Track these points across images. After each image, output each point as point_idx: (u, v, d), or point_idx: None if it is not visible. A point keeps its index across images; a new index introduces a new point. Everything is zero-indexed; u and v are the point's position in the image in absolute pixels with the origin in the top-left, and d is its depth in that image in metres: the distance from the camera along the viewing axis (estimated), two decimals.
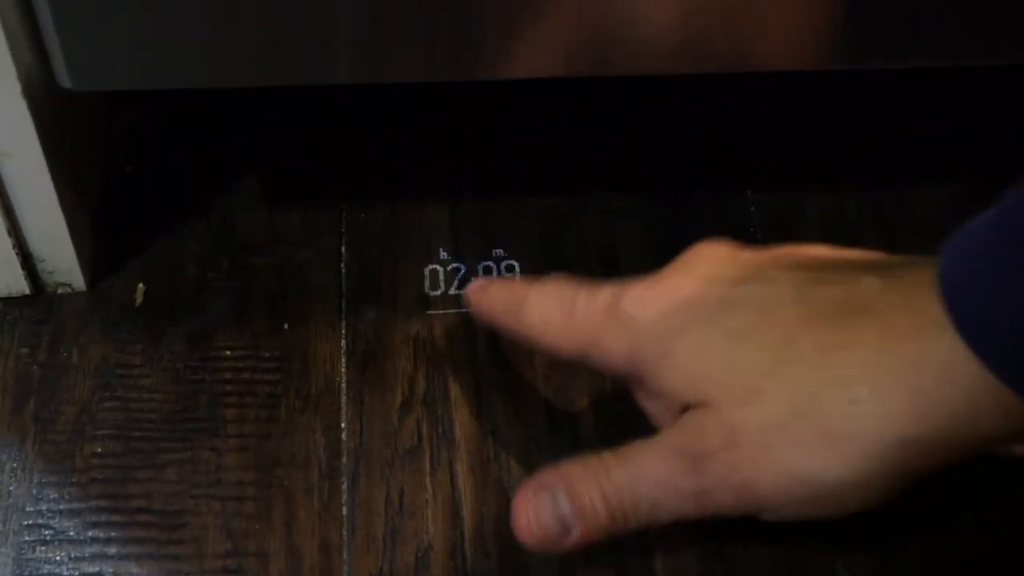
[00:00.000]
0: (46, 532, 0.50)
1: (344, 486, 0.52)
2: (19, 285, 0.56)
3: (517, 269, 0.59)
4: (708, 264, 0.47)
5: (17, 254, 0.55)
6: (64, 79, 0.47)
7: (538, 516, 0.45)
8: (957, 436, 0.40)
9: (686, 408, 0.45)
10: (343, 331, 0.57)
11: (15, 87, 0.48)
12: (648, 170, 0.64)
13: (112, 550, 0.50)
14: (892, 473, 0.41)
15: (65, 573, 0.49)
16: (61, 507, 0.51)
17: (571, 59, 0.50)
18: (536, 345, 0.50)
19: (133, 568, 0.49)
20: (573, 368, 0.54)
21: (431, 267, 0.59)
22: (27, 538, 0.50)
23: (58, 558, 0.49)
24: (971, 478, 0.51)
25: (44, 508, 0.51)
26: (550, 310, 0.49)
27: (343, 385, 0.55)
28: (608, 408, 0.54)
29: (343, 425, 0.54)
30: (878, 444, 0.40)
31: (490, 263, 0.59)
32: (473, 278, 0.55)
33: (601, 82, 0.65)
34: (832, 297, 0.43)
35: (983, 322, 0.38)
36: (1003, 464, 0.46)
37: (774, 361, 0.42)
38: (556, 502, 0.45)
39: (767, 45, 0.50)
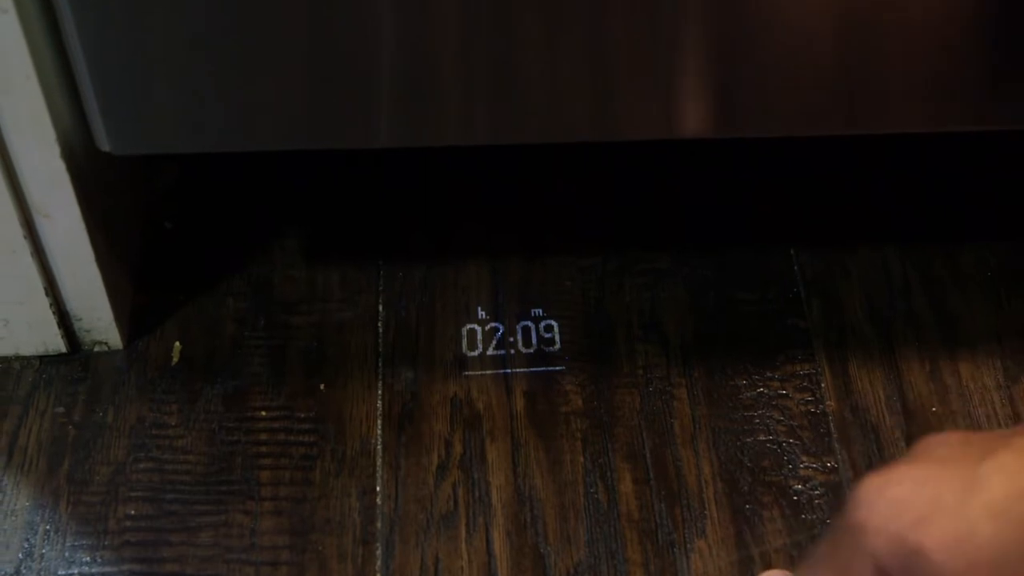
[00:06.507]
0: None
1: (379, 552, 0.51)
2: (56, 343, 0.56)
3: (556, 329, 0.58)
4: (944, 449, 0.38)
5: (54, 313, 0.55)
6: (104, 143, 0.47)
7: None
8: None
9: None
10: (379, 392, 0.56)
11: (54, 149, 0.48)
12: (689, 230, 0.63)
13: None
14: None
15: None
16: (94, 571, 0.50)
17: (612, 124, 0.50)
18: None
19: None
20: None
21: (469, 327, 0.59)
22: None
23: None
24: None
25: (76, 572, 0.50)
26: None
27: (379, 447, 0.54)
28: (646, 471, 0.53)
29: (378, 489, 0.53)
30: None
31: (529, 323, 0.59)
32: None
33: (642, 143, 0.64)
34: None
35: None
36: None
37: None
38: None
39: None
